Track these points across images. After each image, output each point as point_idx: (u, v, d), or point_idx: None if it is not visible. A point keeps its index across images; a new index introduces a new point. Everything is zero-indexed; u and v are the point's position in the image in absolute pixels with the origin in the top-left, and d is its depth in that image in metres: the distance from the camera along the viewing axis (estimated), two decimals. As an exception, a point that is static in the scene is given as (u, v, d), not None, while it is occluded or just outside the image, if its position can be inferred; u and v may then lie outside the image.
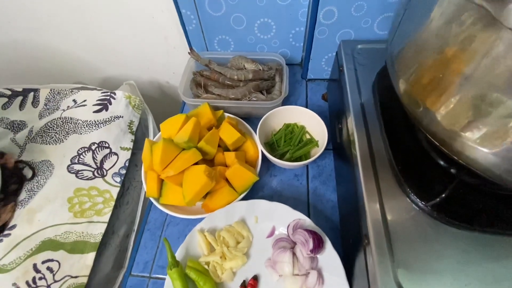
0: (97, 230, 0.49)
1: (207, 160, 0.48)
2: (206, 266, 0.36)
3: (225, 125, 0.49)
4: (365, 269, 0.29)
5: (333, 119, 0.51)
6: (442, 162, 0.31)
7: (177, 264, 0.34)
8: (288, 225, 0.39)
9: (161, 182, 0.45)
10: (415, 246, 0.28)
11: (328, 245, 0.37)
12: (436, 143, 0.28)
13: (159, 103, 0.85)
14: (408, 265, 0.27)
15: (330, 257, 0.36)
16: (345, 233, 0.39)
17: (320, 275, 0.35)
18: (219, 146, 0.48)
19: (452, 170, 0.30)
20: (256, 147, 0.49)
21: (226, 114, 0.53)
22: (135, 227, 0.56)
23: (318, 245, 0.35)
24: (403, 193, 0.31)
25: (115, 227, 0.52)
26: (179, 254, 0.37)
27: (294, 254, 0.36)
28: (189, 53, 0.60)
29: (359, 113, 0.39)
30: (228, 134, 0.48)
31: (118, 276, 0.52)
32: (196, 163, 0.43)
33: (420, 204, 0.30)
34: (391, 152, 0.34)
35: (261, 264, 0.38)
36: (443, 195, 0.28)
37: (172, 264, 0.34)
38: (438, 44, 0.24)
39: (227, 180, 0.45)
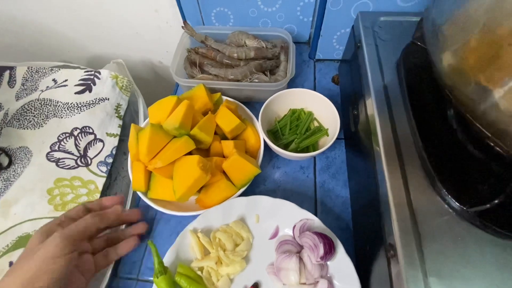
0: (81, 225, 0.44)
1: (202, 150, 0.42)
2: (199, 272, 0.32)
3: (223, 110, 0.43)
4: (389, 281, 0.25)
5: (346, 104, 0.45)
6: (489, 159, 0.25)
7: (164, 271, 0.29)
8: (294, 226, 0.34)
9: (150, 173, 0.40)
10: (451, 257, 0.23)
11: (340, 249, 0.32)
12: (487, 133, 0.22)
13: (151, 86, 0.78)
14: (443, 280, 0.22)
15: (342, 263, 0.31)
16: (360, 236, 0.34)
17: (330, 285, 0.30)
18: (215, 133, 0.43)
19: (503, 170, 0.25)
20: (258, 136, 0.43)
21: (224, 98, 0.47)
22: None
23: (329, 251, 0.30)
24: (436, 194, 0.26)
25: (101, 221, 0.47)
26: (168, 258, 0.32)
27: (301, 259, 0.32)
28: (182, 27, 0.52)
29: (381, 96, 0.32)
30: (226, 120, 0.42)
31: (106, 272, 0.47)
32: (189, 153, 0.38)
33: (458, 208, 0.24)
34: (421, 144, 0.28)
35: (262, 270, 0.33)
36: (495, 201, 0.23)
37: (159, 271, 0.29)
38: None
39: (224, 172, 0.39)
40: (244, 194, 0.38)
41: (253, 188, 0.43)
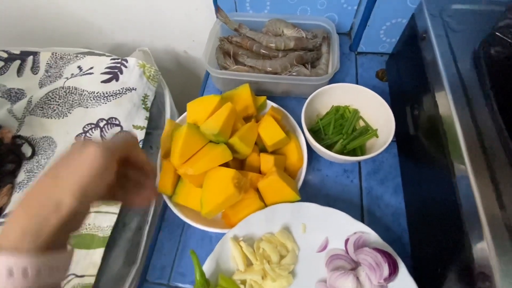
0: (106, 222, 0.42)
1: (237, 160, 0.37)
2: (242, 286, 0.28)
3: (268, 120, 0.37)
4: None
5: (399, 103, 0.40)
6: None
7: (207, 284, 0.26)
8: (347, 239, 0.30)
9: (178, 176, 0.37)
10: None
11: (402, 270, 0.28)
12: None
13: (174, 77, 0.74)
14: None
15: (403, 286, 0.27)
16: (423, 255, 0.30)
17: (392, 309, 0.27)
18: (254, 143, 0.37)
19: None
20: (301, 153, 0.38)
21: (270, 103, 0.42)
22: (149, 218, 0.48)
23: (394, 272, 0.26)
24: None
25: (126, 219, 0.45)
26: (207, 268, 0.29)
27: (357, 278, 0.28)
28: (216, 13, 0.48)
29: (459, 94, 0.28)
30: (270, 132, 0.37)
31: (130, 272, 0.45)
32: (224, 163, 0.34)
33: None
34: (517, 152, 0.23)
35: (310, 286, 0.30)
36: None
37: (201, 284, 0.26)
38: None
39: (257, 190, 0.35)
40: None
41: (292, 192, 0.40)
